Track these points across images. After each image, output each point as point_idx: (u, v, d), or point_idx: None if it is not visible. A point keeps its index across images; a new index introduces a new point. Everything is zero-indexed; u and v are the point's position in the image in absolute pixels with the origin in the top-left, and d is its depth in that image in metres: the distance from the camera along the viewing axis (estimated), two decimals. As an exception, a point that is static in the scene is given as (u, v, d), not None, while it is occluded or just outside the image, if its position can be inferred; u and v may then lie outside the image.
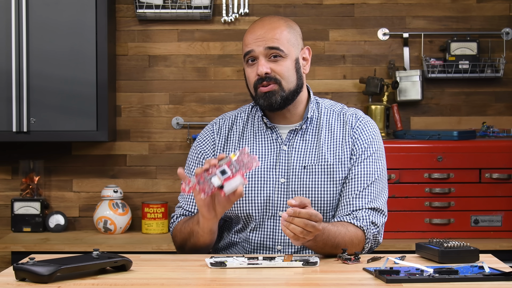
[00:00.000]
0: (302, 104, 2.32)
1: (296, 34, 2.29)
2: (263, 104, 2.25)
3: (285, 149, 2.28)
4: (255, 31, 2.26)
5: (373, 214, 2.21)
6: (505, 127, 3.85)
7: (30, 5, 3.51)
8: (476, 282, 1.76)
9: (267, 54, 2.23)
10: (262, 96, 2.24)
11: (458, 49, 3.80)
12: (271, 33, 2.24)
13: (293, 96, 2.26)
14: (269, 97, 2.23)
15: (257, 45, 2.23)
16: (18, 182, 3.84)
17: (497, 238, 3.44)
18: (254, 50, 2.24)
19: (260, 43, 2.23)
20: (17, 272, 1.78)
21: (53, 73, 3.53)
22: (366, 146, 2.27)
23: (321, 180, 2.24)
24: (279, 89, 2.23)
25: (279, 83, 2.23)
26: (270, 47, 2.22)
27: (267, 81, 2.23)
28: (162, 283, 1.77)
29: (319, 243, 2.05)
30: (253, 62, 2.26)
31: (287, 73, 2.24)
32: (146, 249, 3.40)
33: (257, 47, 2.23)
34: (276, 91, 2.23)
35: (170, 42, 3.87)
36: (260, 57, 2.23)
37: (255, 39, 2.24)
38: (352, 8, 3.88)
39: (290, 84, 2.25)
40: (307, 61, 2.33)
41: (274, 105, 2.24)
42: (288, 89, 2.24)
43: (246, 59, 2.27)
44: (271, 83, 2.23)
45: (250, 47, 2.24)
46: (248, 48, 2.25)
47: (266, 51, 2.23)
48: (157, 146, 3.88)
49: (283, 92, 2.24)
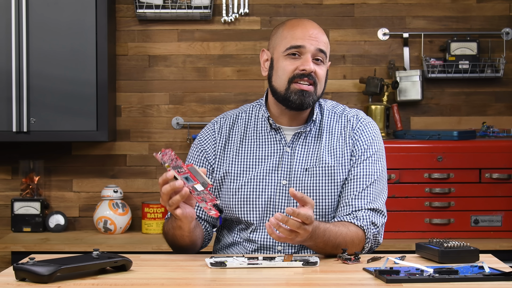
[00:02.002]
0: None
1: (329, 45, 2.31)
2: (294, 101, 2.21)
3: (289, 151, 2.27)
4: (307, 28, 2.24)
5: (373, 214, 2.21)
6: (505, 127, 3.85)
7: (30, 5, 3.51)
8: (476, 282, 1.76)
9: (315, 55, 2.22)
10: (297, 92, 2.21)
11: (458, 49, 3.80)
12: (323, 37, 2.25)
13: (315, 102, 2.27)
14: (306, 96, 2.21)
15: (310, 43, 2.21)
16: (18, 182, 3.84)
17: (497, 238, 3.44)
18: (305, 47, 2.21)
19: (313, 42, 2.22)
20: (17, 272, 1.78)
21: (53, 73, 3.53)
22: (366, 147, 2.27)
23: (322, 182, 2.24)
24: (314, 92, 2.23)
25: (316, 86, 2.23)
26: (321, 49, 2.23)
27: (309, 78, 2.21)
28: (162, 283, 1.77)
29: (319, 244, 2.05)
30: (295, 57, 2.23)
31: (323, 79, 2.26)
32: (146, 249, 3.40)
33: (310, 45, 2.21)
34: (311, 93, 2.22)
35: (170, 42, 3.87)
36: (308, 55, 2.21)
37: (309, 36, 2.22)
38: (352, 8, 3.88)
39: (320, 90, 2.26)
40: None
41: (306, 106, 2.23)
42: (318, 94, 2.25)
43: (289, 52, 2.23)
44: (310, 82, 2.21)
45: (302, 42, 2.22)
46: (298, 42, 2.22)
47: (316, 52, 2.22)
48: (157, 146, 3.88)
49: (315, 96, 2.24)
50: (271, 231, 1.92)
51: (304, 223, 1.92)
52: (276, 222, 1.90)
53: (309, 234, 1.96)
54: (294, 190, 1.94)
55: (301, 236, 1.94)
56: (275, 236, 1.93)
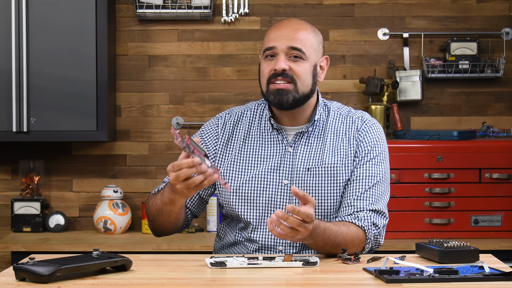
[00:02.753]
0: (311, 107, 2.31)
1: (319, 41, 2.29)
2: (273, 101, 2.23)
3: (291, 150, 2.27)
4: (281, 28, 2.25)
5: (374, 215, 2.21)
6: (505, 127, 3.85)
7: (30, 5, 3.51)
8: (476, 282, 1.76)
9: (288, 53, 2.22)
10: (274, 92, 2.22)
11: (458, 49, 3.80)
12: (296, 34, 2.23)
13: (304, 100, 2.25)
14: (281, 95, 2.21)
15: (280, 42, 2.22)
16: (18, 182, 3.84)
17: (497, 238, 3.44)
18: (276, 47, 2.22)
19: (283, 41, 2.22)
20: (17, 272, 1.78)
21: (53, 73, 3.53)
22: (370, 148, 2.27)
23: (324, 183, 2.24)
24: (293, 89, 2.21)
25: (295, 83, 2.22)
26: (293, 47, 2.21)
27: (283, 77, 2.21)
28: (162, 283, 1.77)
29: (319, 243, 2.05)
30: (272, 58, 2.24)
31: (304, 75, 2.23)
32: (146, 249, 3.39)
33: (280, 44, 2.22)
34: (290, 91, 2.21)
35: (170, 42, 3.87)
36: (281, 53, 2.22)
37: (279, 36, 2.23)
38: (352, 8, 3.88)
39: (305, 87, 2.23)
40: (323, 70, 2.32)
41: (285, 104, 2.22)
42: (302, 91, 2.23)
43: (265, 54, 2.25)
44: (286, 80, 2.21)
45: (273, 43, 2.23)
46: (270, 44, 2.23)
47: (288, 50, 2.22)
48: (157, 146, 3.88)
49: (297, 93, 2.22)
50: (272, 227, 1.92)
51: (305, 221, 1.92)
52: (276, 218, 1.91)
53: (309, 232, 1.96)
54: (297, 188, 1.94)
55: (301, 234, 1.94)
56: (275, 233, 1.93)
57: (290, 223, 1.91)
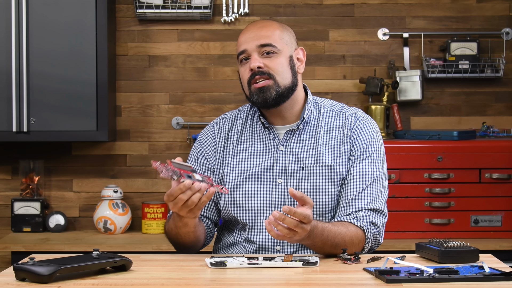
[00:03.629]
0: (299, 104, 2.31)
1: (289, 34, 2.30)
2: (257, 101, 2.23)
3: (282, 149, 2.27)
4: (248, 31, 2.28)
5: (373, 214, 2.20)
6: (505, 127, 3.85)
7: (30, 5, 3.51)
8: (476, 282, 1.76)
9: (260, 51, 2.23)
10: (256, 92, 2.23)
11: (458, 49, 3.80)
12: (263, 31, 2.25)
13: (288, 93, 2.25)
14: (264, 92, 2.22)
15: (249, 44, 2.24)
16: (18, 182, 3.84)
17: (497, 238, 3.44)
18: (246, 49, 2.25)
19: (251, 41, 2.24)
20: (17, 272, 1.78)
21: (53, 73, 3.53)
22: (365, 146, 2.26)
23: (319, 181, 2.23)
24: (273, 84, 2.22)
25: (274, 78, 2.22)
26: (263, 44, 2.23)
27: (259, 75, 2.22)
28: (162, 283, 1.77)
29: (317, 243, 2.05)
30: (247, 61, 2.26)
31: (281, 69, 2.24)
32: (146, 249, 3.40)
33: (249, 46, 2.24)
34: (270, 86, 2.22)
35: (170, 42, 3.87)
36: (253, 53, 2.23)
37: (247, 38, 2.25)
38: (352, 8, 3.88)
39: (285, 80, 2.24)
40: (302, 62, 2.32)
41: (269, 100, 2.22)
42: (283, 84, 2.23)
43: (239, 59, 2.27)
44: (264, 77, 2.22)
45: (243, 46, 2.26)
46: (241, 48, 2.26)
47: (259, 49, 2.23)
48: (157, 146, 3.88)
49: (278, 87, 2.22)
50: (270, 228, 1.92)
51: (302, 222, 1.92)
52: (274, 219, 1.90)
53: (307, 233, 1.96)
54: (294, 190, 1.94)
55: (299, 235, 1.94)
56: (273, 234, 1.93)
57: (287, 224, 1.91)
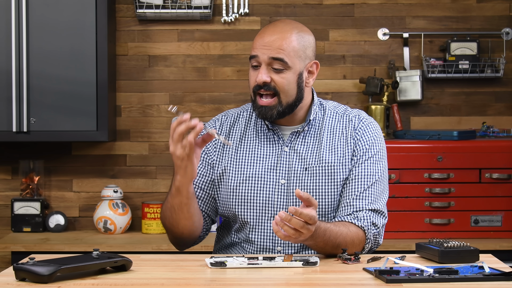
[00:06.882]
0: (305, 107, 2.31)
1: (306, 46, 2.23)
2: (259, 115, 2.24)
3: (287, 150, 2.27)
4: (265, 36, 2.23)
5: (373, 215, 2.21)
6: (505, 127, 3.85)
7: (30, 5, 3.51)
8: (476, 282, 1.76)
9: (270, 63, 2.20)
10: (258, 107, 2.22)
11: (458, 49, 3.80)
12: (279, 43, 2.19)
13: (290, 109, 2.24)
14: (265, 111, 2.21)
15: (262, 52, 2.20)
16: (18, 182, 3.84)
17: (497, 238, 3.44)
18: (258, 56, 2.21)
19: (265, 50, 2.20)
20: (17, 272, 1.78)
21: (53, 73, 3.53)
22: (368, 147, 2.27)
23: (322, 182, 2.24)
24: (277, 103, 2.20)
25: (278, 95, 2.20)
26: (274, 57, 2.19)
27: (265, 89, 2.20)
28: (162, 283, 1.78)
29: (319, 243, 2.05)
30: (256, 69, 2.23)
31: (287, 86, 2.21)
32: (146, 249, 3.40)
33: (262, 54, 2.20)
34: (273, 106, 2.21)
35: (170, 42, 3.87)
36: (263, 65, 2.20)
37: (263, 45, 2.21)
38: (352, 8, 3.88)
39: (289, 98, 2.22)
40: (313, 75, 2.28)
41: (270, 119, 2.23)
42: (286, 102, 2.22)
43: (251, 62, 2.25)
44: (269, 93, 2.20)
45: (256, 52, 2.22)
46: (254, 52, 2.22)
47: (270, 61, 2.19)
48: (157, 146, 3.88)
49: (281, 106, 2.21)
50: (277, 229, 1.92)
51: (307, 223, 1.92)
52: (280, 220, 1.91)
53: (311, 233, 1.96)
54: (300, 191, 1.93)
55: (304, 235, 1.94)
56: (280, 235, 1.93)
57: (293, 225, 1.91)
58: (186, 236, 2.23)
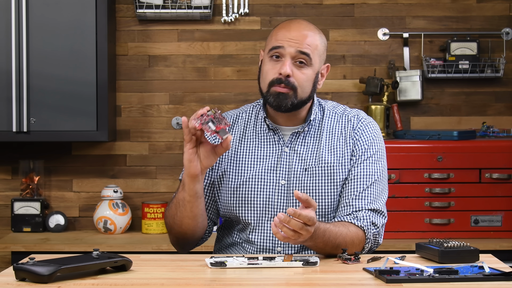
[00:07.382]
0: (306, 108, 2.31)
1: (324, 48, 2.28)
2: (272, 103, 2.22)
3: (287, 151, 2.27)
4: (291, 30, 2.23)
5: (373, 215, 2.21)
6: (505, 127, 3.85)
7: (30, 5, 3.51)
8: (476, 282, 1.76)
9: (295, 57, 2.20)
10: (274, 95, 2.21)
11: (458, 49, 3.80)
12: (307, 39, 2.21)
13: (301, 105, 2.25)
14: (281, 99, 2.20)
15: (289, 45, 2.20)
16: (18, 182, 3.84)
17: (497, 238, 3.44)
18: (284, 48, 2.20)
19: (293, 43, 2.20)
20: (17, 272, 1.78)
21: (53, 73, 3.53)
22: (367, 147, 2.27)
23: (322, 182, 2.24)
24: (293, 95, 2.20)
25: (295, 89, 2.20)
26: (302, 51, 2.20)
27: (285, 84, 2.20)
28: (162, 283, 1.78)
29: (319, 244, 2.05)
30: (277, 59, 2.22)
31: (306, 82, 2.22)
32: (146, 249, 3.40)
33: (289, 47, 2.20)
34: (289, 96, 2.20)
35: (170, 42, 3.87)
36: (288, 57, 2.20)
37: (289, 38, 2.20)
38: (352, 8, 3.88)
39: (304, 94, 2.23)
40: (323, 78, 2.31)
41: (283, 108, 2.22)
42: (300, 97, 2.22)
43: (271, 53, 2.23)
44: (288, 87, 2.21)
45: (282, 43, 2.20)
46: (278, 43, 2.21)
47: (296, 54, 2.20)
48: (157, 146, 3.88)
49: (295, 99, 2.21)
50: (276, 230, 1.92)
51: (306, 224, 1.92)
52: (279, 221, 1.91)
53: (310, 234, 1.96)
54: (299, 192, 1.93)
55: (304, 237, 1.94)
56: (280, 236, 1.93)
57: (292, 226, 1.91)
58: (189, 236, 2.24)
